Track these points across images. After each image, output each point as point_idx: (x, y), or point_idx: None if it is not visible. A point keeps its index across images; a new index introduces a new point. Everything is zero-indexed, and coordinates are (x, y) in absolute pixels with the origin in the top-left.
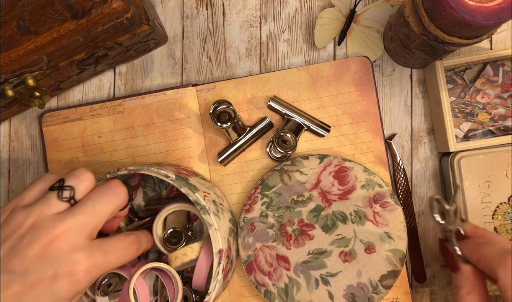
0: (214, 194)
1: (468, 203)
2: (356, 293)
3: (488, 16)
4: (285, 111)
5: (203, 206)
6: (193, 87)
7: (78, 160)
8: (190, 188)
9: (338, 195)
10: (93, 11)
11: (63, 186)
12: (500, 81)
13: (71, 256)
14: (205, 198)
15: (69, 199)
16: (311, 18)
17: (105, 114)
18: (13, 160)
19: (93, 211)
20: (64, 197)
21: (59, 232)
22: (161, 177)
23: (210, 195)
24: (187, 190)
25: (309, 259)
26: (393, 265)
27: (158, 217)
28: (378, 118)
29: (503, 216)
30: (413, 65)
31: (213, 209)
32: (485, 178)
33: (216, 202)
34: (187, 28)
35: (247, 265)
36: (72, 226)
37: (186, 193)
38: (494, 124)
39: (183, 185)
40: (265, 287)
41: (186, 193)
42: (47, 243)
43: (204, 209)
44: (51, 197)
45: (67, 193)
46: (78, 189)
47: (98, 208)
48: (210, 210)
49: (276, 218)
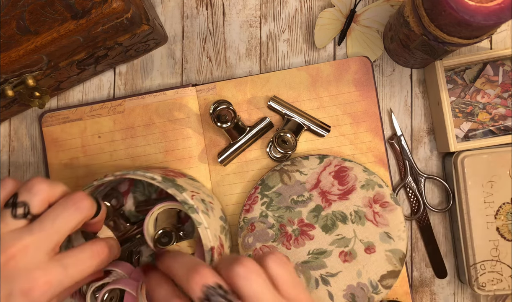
0: (203, 193)
1: (470, 202)
2: (356, 293)
3: (488, 16)
4: (285, 111)
5: (191, 205)
6: (193, 87)
7: (78, 160)
8: (177, 189)
9: (338, 195)
10: (93, 11)
11: (16, 203)
12: (500, 81)
13: (28, 274)
14: (193, 197)
15: (24, 215)
16: (311, 18)
17: (105, 114)
18: (13, 160)
19: (52, 227)
20: (18, 214)
21: (15, 250)
22: (147, 180)
23: (199, 194)
24: (174, 191)
25: (309, 259)
26: (393, 265)
27: (148, 215)
28: (378, 118)
29: (506, 216)
30: (413, 65)
31: (202, 208)
32: (488, 178)
33: (205, 200)
34: (187, 28)
35: None
36: (30, 244)
37: (173, 193)
38: (494, 124)
39: (170, 186)
40: None
41: (173, 193)
42: (4, 262)
43: (192, 208)
44: (5, 215)
45: (20, 210)
46: (32, 203)
47: (57, 224)
48: (198, 208)
49: (276, 218)
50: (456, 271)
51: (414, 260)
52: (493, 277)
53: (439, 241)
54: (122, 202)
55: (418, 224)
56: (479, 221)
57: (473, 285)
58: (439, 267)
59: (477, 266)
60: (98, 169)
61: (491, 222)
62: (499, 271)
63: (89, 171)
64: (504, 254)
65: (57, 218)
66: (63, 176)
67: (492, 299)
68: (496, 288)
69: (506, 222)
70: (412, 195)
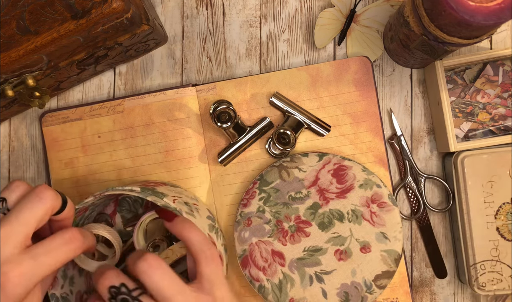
0: (185, 196)
1: (470, 202)
2: (350, 292)
3: (488, 16)
4: (286, 108)
5: (173, 209)
6: (193, 87)
7: (78, 159)
8: (157, 195)
9: (336, 193)
10: (93, 11)
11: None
12: (500, 81)
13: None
14: (175, 201)
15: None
16: (311, 18)
17: (105, 114)
18: (13, 160)
19: (17, 220)
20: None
21: None
22: (126, 193)
23: (181, 197)
24: (154, 198)
25: (304, 256)
26: (388, 265)
27: (136, 228)
28: (378, 118)
29: (506, 216)
30: (413, 65)
31: (186, 209)
32: (488, 178)
33: (189, 203)
34: (187, 28)
35: (242, 259)
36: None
37: (153, 200)
38: (494, 124)
39: (149, 194)
40: (259, 282)
41: (153, 200)
42: None
43: (175, 210)
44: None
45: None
46: (10, 199)
47: (21, 216)
48: (181, 210)
49: (273, 214)
50: (456, 271)
51: (414, 260)
52: (493, 277)
53: (439, 241)
54: (111, 223)
55: (418, 224)
56: (479, 221)
57: (473, 285)
58: (439, 267)
59: (477, 266)
60: (98, 168)
61: (491, 222)
62: (499, 271)
63: (89, 170)
64: (504, 254)
65: (21, 210)
66: (63, 175)
67: (492, 299)
68: (496, 288)
69: (506, 222)
70: (412, 195)
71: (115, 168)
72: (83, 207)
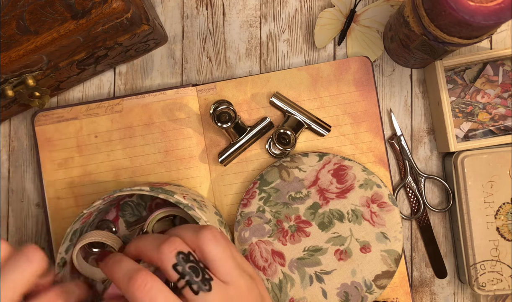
0: (192, 193)
1: (470, 202)
2: (349, 292)
3: (488, 16)
4: (286, 108)
5: (185, 204)
6: (193, 87)
7: (73, 160)
8: (168, 193)
9: (336, 193)
10: (93, 11)
11: None
12: (500, 81)
13: None
14: (185, 197)
15: None
16: (311, 18)
17: (102, 113)
18: (13, 159)
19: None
20: None
21: None
22: (135, 192)
23: (189, 194)
24: (165, 195)
25: (305, 255)
26: (388, 265)
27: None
28: (378, 118)
29: (506, 216)
30: (413, 65)
31: (196, 205)
32: (488, 178)
33: (197, 199)
34: (187, 28)
35: None
36: None
37: (166, 197)
38: (494, 124)
39: (160, 192)
40: None
41: (166, 197)
42: None
43: (187, 206)
44: None
45: None
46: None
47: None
48: (193, 206)
49: (273, 214)
50: (456, 271)
51: (414, 260)
52: (493, 277)
53: (439, 241)
54: (115, 229)
55: (418, 224)
56: (479, 221)
57: (473, 285)
58: (439, 267)
59: (477, 266)
60: (94, 168)
61: (491, 222)
62: (499, 271)
63: (85, 171)
64: (504, 254)
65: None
66: (57, 176)
67: (492, 299)
68: (496, 288)
69: (506, 222)
70: (412, 195)
71: (112, 168)
72: (89, 212)
